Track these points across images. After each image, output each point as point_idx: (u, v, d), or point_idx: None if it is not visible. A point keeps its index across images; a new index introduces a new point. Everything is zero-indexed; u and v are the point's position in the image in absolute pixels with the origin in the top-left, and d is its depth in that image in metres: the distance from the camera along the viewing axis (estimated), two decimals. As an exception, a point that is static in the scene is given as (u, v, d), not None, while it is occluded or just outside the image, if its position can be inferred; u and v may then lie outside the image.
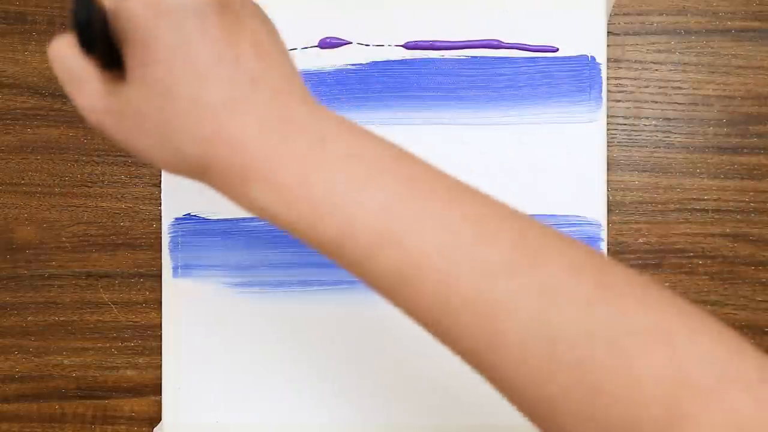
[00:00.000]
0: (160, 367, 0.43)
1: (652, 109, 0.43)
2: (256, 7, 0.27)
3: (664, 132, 0.43)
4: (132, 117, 0.26)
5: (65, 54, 0.26)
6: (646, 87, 0.43)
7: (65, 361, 0.44)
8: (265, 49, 0.26)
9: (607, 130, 0.42)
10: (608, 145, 0.42)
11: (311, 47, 0.42)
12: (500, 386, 0.25)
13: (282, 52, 0.26)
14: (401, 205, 0.24)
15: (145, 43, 0.24)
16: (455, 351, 0.25)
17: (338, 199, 0.24)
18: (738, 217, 0.43)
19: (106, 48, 0.25)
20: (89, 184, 0.44)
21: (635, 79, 0.43)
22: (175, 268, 0.42)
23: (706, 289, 0.43)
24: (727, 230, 0.43)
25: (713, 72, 0.43)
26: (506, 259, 0.23)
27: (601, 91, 0.41)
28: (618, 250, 0.43)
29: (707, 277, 0.43)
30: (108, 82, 0.26)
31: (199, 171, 0.26)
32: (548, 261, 0.24)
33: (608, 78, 0.42)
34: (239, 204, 0.26)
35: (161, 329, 0.42)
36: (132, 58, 0.25)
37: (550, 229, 0.25)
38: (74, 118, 0.44)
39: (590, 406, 0.23)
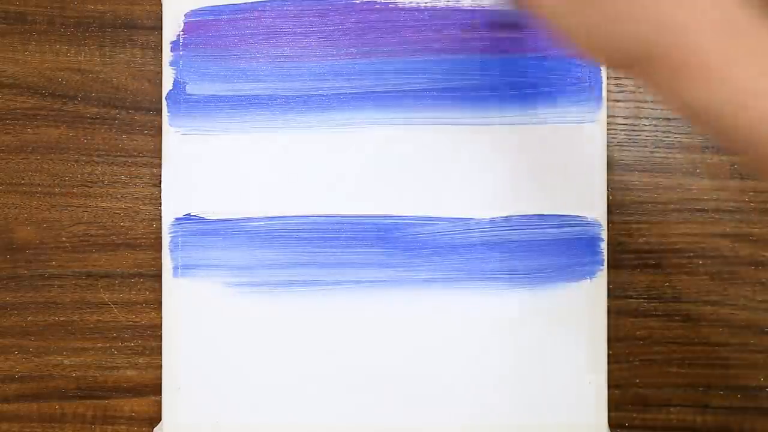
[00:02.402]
0: (160, 367, 0.43)
1: (652, 109, 0.43)
2: None
3: (664, 132, 0.43)
4: None
5: None
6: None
7: (65, 361, 0.44)
8: None
9: (607, 130, 0.42)
10: (608, 145, 0.42)
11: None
12: None
13: None
14: None
15: None
16: None
17: None
18: (738, 217, 0.43)
19: None
20: (89, 184, 0.44)
21: (635, 79, 0.43)
22: (175, 268, 0.42)
23: (706, 289, 0.43)
24: (727, 230, 0.43)
25: (713, 72, 0.43)
26: None
27: (601, 91, 0.41)
28: (618, 250, 0.43)
29: (707, 277, 0.43)
30: None
31: (635, 56, 0.26)
32: None
33: (608, 78, 0.42)
34: (669, 95, 0.26)
35: (161, 329, 0.42)
36: None
37: None
38: (74, 118, 0.44)
39: None
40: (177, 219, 0.42)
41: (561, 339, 0.41)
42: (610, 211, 0.42)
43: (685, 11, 0.25)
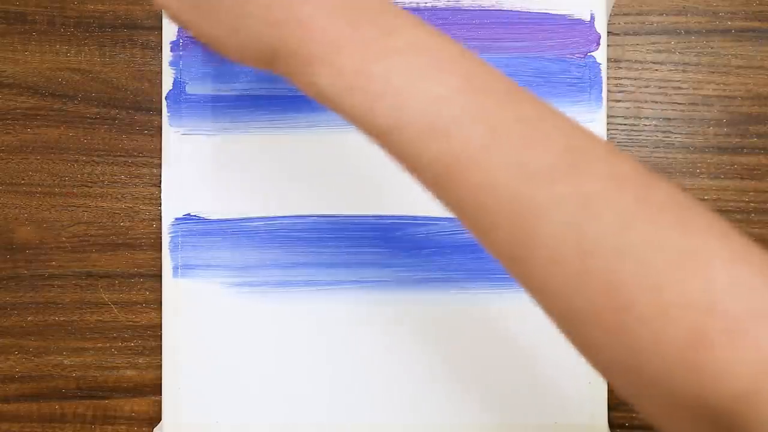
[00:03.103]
0: (160, 367, 0.43)
1: (652, 109, 0.43)
2: None
3: (664, 132, 0.43)
4: (206, 4, 0.27)
5: None
6: (646, 87, 0.43)
7: (65, 361, 0.44)
8: None
9: (607, 130, 0.42)
10: (608, 145, 0.42)
11: None
12: (532, 293, 0.25)
13: None
14: (454, 99, 0.24)
15: None
16: (491, 251, 0.26)
17: (394, 88, 0.25)
18: (738, 217, 0.43)
19: None
20: (89, 184, 0.44)
21: (635, 79, 0.43)
22: (175, 268, 0.42)
23: (706, 289, 0.43)
24: (727, 230, 0.43)
25: (713, 72, 0.43)
26: (549, 165, 0.23)
27: (601, 91, 0.41)
28: (618, 250, 0.43)
29: (707, 277, 0.43)
30: None
31: (268, 56, 0.27)
32: (592, 171, 0.24)
33: (608, 78, 0.42)
34: (303, 89, 0.27)
35: (161, 329, 0.42)
36: None
37: (599, 140, 0.25)
38: (74, 118, 0.44)
39: (617, 323, 0.23)
40: (177, 219, 0.42)
41: (561, 339, 0.41)
42: (610, 211, 0.42)
43: (311, 4, 0.26)
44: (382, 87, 0.25)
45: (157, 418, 0.43)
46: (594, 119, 0.41)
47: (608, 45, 0.42)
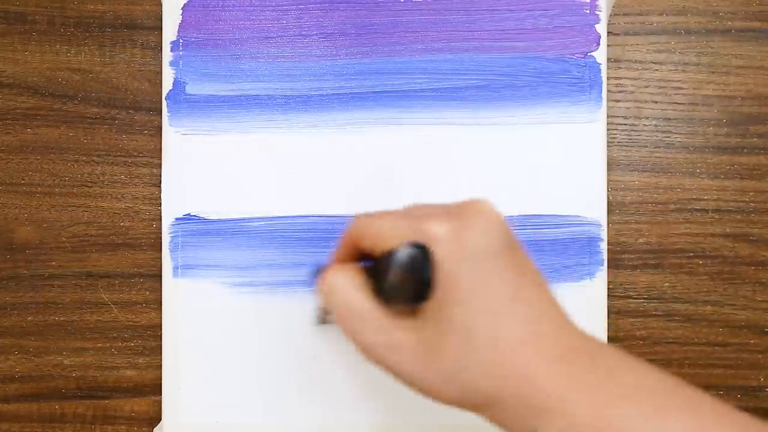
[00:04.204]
0: (160, 367, 0.43)
1: (652, 109, 0.43)
2: (525, 247, 0.28)
3: (664, 132, 0.43)
4: (419, 352, 0.27)
5: (346, 291, 0.28)
6: (646, 87, 0.43)
7: (65, 361, 0.44)
8: (543, 288, 0.27)
9: (607, 130, 0.42)
10: (608, 145, 0.42)
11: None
12: None
13: (551, 289, 0.28)
14: None
15: (447, 285, 0.26)
16: None
17: None
18: (738, 217, 0.43)
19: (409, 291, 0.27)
20: (89, 184, 0.44)
21: (635, 79, 0.43)
22: (175, 268, 0.42)
23: (706, 289, 0.43)
24: (727, 230, 0.43)
25: (713, 72, 0.43)
26: None
27: (601, 91, 0.41)
28: (618, 250, 0.43)
29: (707, 277, 0.43)
30: (389, 318, 0.28)
31: (483, 404, 0.27)
32: None
33: (608, 78, 0.42)
34: None
35: (161, 329, 0.42)
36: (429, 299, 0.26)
37: None
38: (74, 118, 0.44)
39: None
40: (177, 219, 0.42)
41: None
42: (610, 211, 0.42)
43: (525, 353, 0.26)
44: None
45: (157, 418, 0.43)
46: (594, 119, 0.41)
47: (608, 45, 0.42)
